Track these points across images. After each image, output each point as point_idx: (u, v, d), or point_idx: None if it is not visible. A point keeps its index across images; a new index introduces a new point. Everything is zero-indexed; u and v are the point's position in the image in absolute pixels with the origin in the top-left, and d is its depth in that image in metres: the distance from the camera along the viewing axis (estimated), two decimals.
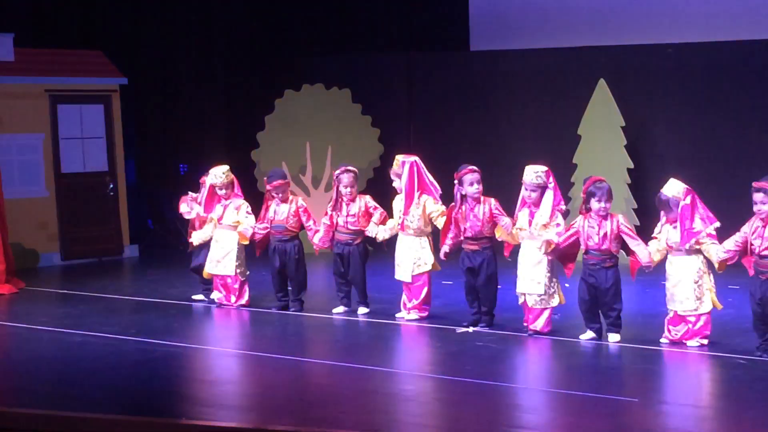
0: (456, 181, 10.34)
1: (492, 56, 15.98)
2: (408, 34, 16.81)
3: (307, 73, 16.49)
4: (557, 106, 15.11)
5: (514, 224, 10.10)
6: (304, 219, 11.28)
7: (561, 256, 9.87)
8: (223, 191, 11.50)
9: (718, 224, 9.29)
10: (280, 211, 11.27)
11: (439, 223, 10.60)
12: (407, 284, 10.86)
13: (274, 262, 11.35)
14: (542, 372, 9.23)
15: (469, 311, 10.43)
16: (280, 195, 11.24)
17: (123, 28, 16.81)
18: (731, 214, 9.68)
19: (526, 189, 9.95)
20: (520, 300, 10.09)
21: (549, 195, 9.91)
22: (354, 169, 11.20)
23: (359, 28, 17.10)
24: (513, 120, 15.58)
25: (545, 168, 9.95)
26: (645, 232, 10.34)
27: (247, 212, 11.49)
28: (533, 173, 9.92)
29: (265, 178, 11.74)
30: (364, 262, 11.12)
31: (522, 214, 10.02)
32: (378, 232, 11.01)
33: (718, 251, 9.22)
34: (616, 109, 14.42)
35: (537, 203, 9.93)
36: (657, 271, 9.72)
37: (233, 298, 11.59)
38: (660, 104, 14.69)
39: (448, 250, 10.39)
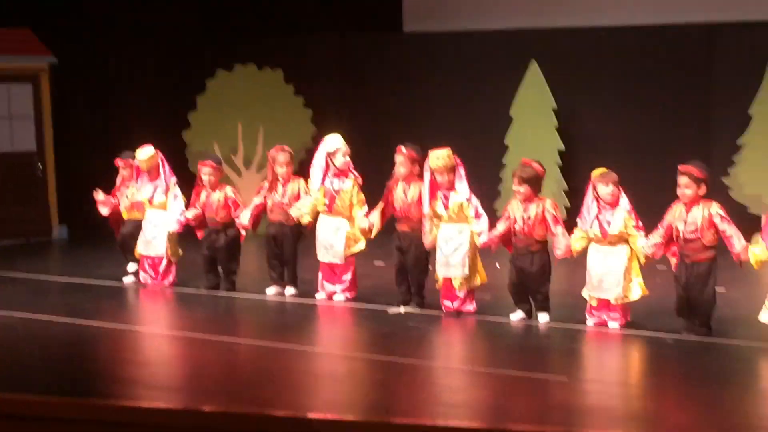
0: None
1: (425, 37, 15.99)
2: (341, 15, 16.73)
3: (240, 53, 16.37)
4: (490, 88, 15.14)
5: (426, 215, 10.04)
6: (232, 209, 11.24)
7: (504, 241, 9.89)
8: (148, 173, 11.47)
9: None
10: (209, 203, 11.25)
11: (356, 210, 10.62)
12: (333, 265, 10.84)
13: (203, 249, 11.33)
14: (472, 352, 9.29)
15: (397, 291, 10.45)
16: (209, 179, 11.20)
17: (52, 5, 16.55)
18: (659, 198, 9.77)
19: (439, 175, 9.87)
20: (438, 284, 10.11)
21: (461, 172, 9.93)
22: (289, 149, 11.19)
23: (292, 8, 16.99)
24: (446, 101, 15.59)
25: (449, 150, 9.96)
26: (575, 214, 10.41)
27: (175, 195, 11.42)
28: (444, 157, 9.86)
29: (199, 160, 11.66)
30: (296, 243, 11.09)
31: (436, 202, 9.95)
32: (302, 215, 10.88)
33: (644, 246, 9.29)
34: (547, 91, 14.50)
35: (451, 186, 9.93)
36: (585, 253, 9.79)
37: (161, 277, 11.54)
38: (592, 87, 14.77)
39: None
